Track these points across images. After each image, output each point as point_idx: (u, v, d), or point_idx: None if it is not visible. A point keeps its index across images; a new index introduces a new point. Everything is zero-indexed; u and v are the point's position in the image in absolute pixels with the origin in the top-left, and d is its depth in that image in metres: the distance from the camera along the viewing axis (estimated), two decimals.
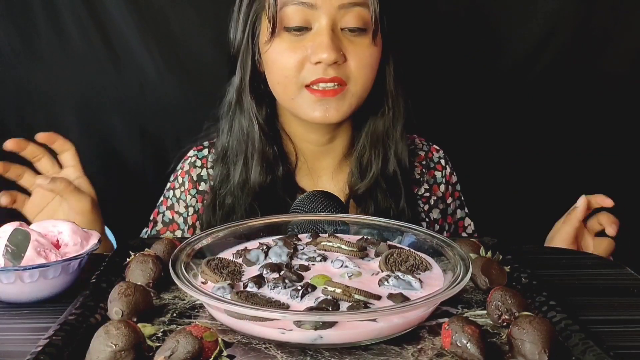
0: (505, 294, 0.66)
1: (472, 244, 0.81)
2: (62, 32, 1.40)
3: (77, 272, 0.76)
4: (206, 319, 0.67)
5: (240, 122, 1.10)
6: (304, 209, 0.90)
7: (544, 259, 0.88)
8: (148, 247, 0.80)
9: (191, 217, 1.14)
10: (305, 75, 1.01)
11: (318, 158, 1.15)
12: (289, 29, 1.01)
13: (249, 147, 1.09)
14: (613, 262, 0.86)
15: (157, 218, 1.16)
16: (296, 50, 1.00)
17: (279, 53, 1.02)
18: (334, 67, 0.99)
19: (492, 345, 0.61)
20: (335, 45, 0.98)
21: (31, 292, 0.73)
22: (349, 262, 0.74)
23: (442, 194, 1.20)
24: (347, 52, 1.00)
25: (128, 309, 0.64)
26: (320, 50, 0.98)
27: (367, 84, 1.04)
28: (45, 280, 0.72)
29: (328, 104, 1.01)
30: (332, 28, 0.99)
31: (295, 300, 0.66)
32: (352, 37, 1.01)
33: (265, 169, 1.08)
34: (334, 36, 0.99)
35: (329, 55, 0.97)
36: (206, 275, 0.71)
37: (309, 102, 1.02)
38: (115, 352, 0.55)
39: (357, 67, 1.01)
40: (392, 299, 0.66)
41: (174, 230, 1.14)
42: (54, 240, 0.78)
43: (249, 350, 0.60)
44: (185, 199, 1.15)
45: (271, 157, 1.09)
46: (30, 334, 0.65)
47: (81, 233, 0.79)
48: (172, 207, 1.15)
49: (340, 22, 1.00)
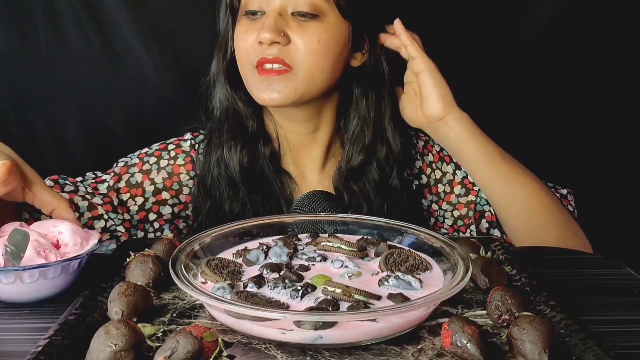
0: (505, 294, 0.66)
1: (472, 244, 0.81)
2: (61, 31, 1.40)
3: (77, 272, 0.76)
4: (206, 319, 0.67)
5: (222, 103, 1.12)
6: (304, 209, 0.90)
7: (544, 259, 0.88)
8: (148, 247, 0.80)
9: (185, 196, 1.13)
10: (254, 56, 1.03)
11: (303, 148, 1.14)
12: (247, 13, 1.05)
13: (226, 126, 1.10)
14: (613, 262, 0.86)
15: (122, 174, 1.11)
16: (249, 33, 1.03)
17: (238, 36, 1.06)
18: (276, 47, 1.00)
19: (492, 345, 0.61)
20: (277, 26, 1.00)
21: (31, 292, 0.73)
22: (349, 262, 0.74)
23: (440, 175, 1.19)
24: (294, 35, 1.01)
25: (128, 309, 0.64)
26: (262, 31, 1.00)
27: (316, 70, 1.03)
28: (45, 280, 0.72)
29: (271, 85, 1.02)
30: (279, 12, 1.01)
31: (295, 300, 0.66)
32: (304, 22, 1.02)
33: (242, 144, 1.09)
34: (279, 18, 1.01)
35: (267, 35, 0.99)
36: (206, 275, 0.71)
37: (256, 83, 1.03)
38: (115, 352, 0.55)
39: (304, 51, 1.01)
40: (392, 299, 0.66)
41: (135, 194, 1.11)
42: (53, 240, 0.78)
43: (249, 350, 0.60)
44: (170, 171, 1.12)
45: (249, 132, 1.10)
46: (30, 334, 0.65)
47: (81, 233, 0.79)
48: (148, 172, 1.12)
49: (289, 6, 1.02)
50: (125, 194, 1.10)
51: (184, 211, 1.13)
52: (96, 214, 1.06)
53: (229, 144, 1.09)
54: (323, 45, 1.02)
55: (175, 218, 1.13)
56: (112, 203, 1.08)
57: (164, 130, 1.46)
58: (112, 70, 1.43)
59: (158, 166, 1.13)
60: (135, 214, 1.10)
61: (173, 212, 1.12)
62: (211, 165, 1.10)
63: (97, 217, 1.06)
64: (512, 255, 0.82)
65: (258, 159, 1.10)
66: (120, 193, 1.10)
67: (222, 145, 1.10)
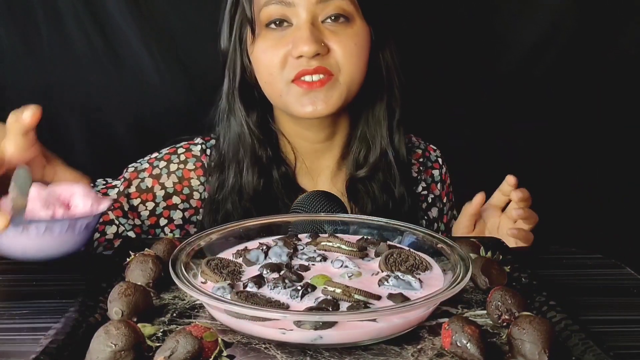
0: (505, 294, 0.66)
1: (472, 244, 0.81)
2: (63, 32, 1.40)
3: (85, 236, 0.74)
4: (206, 319, 0.67)
5: (233, 127, 1.10)
6: (304, 209, 0.90)
7: (544, 259, 0.88)
8: (148, 247, 0.80)
9: (196, 201, 1.12)
10: (290, 71, 1.01)
11: (317, 157, 1.14)
12: (270, 25, 1.01)
13: (241, 152, 1.09)
14: (613, 262, 0.86)
15: (132, 180, 1.10)
16: (278, 47, 1.01)
17: (263, 51, 1.02)
18: (316, 58, 0.99)
19: (492, 345, 0.61)
20: (315, 37, 0.98)
21: (35, 247, 0.71)
22: (349, 262, 0.74)
23: (439, 193, 1.20)
24: (331, 43, 1.00)
25: (128, 309, 0.64)
26: (301, 44, 0.98)
27: (356, 74, 1.03)
28: (52, 236, 0.71)
29: (316, 96, 1.00)
30: (311, 22, 0.99)
31: (295, 300, 0.66)
32: (335, 28, 1.01)
33: (258, 172, 1.08)
34: (314, 29, 0.99)
35: (309, 47, 0.97)
36: (206, 275, 0.71)
37: (297, 97, 1.01)
38: (115, 352, 0.55)
39: (343, 57, 1.01)
40: (392, 299, 0.66)
41: (146, 199, 1.10)
42: (65, 202, 0.77)
43: (249, 350, 0.60)
44: (181, 175, 1.11)
45: (264, 160, 1.09)
46: (30, 334, 0.65)
47: (93, 196, 0.78)
48: (158, 177, 1.11)
49: (320, 14, 1.00)
50: (136, 199, 1.09)
51: (194, 216, 1.12)
52: (107, 219, 1.05)
53: (243, 171, 1.08)
54: (359, 47, 1.03)
55: (187, 223, 1.12)
56: (123, 208, 1.08)
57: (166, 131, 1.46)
58: (114, 71, 1.43)
59: (168, 170, 1.12)
60: (146, 219, 1.09)
61: (184, 217, 1.11)
62: (224, 190, 1.08)
63: (108, 222, 1.06)
64: (512, 255, 0.82)
65: (272, 183, 1.09)
66: (131, 198, 1.09)
67: (237, 171, 1.08)
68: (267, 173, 1.09)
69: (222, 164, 1.10)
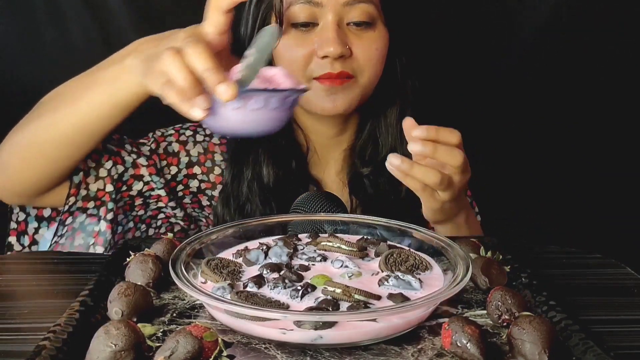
0: (505, 294, 0.66)
1: (472, 244, 0.81)
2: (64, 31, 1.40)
3: (290, 113, 0.75)
4: (206, 319, 0.67)
5: None
6: (304, 209, 0.90)
7: (544, 259, 0.88)
8: (148, 247, 0.80)
9: (215, 176, 1.12)
10: (314, 69, 1.03)
11: (327, 150, 1.17)
12: (296, 25, 1.03)
13: (259, 143, 1.10)
14: (613, 262, 0.86)
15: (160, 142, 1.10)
16: (303, 45, 1.03)
17: (287, 49, 1.04)
18: (340, 61, 1.01)
19: (492, 345, 0.61)
20: (341, 39, 1.01)
21: (249, 121, 0.71)
22: (349, 262, 0.74)
23: None
24: (354, 46, 1.03)
25: (128, 309, 0.64)
26: (327, 45, 1.00)
27: (374, 77, 1.07)
28: (266, 110, 0.71)
29: (336, 94, 1.03)
30: (337, 23, 1.01)
31: (295, 300, 0.66)
32: (358, 32, 1.03)
33: (276, 162, 1.10)
34: (339, 31, 1.01)
35: (335, 49, 0.99)
36: (206, 275, 0.71)
37: (318, 93, 1.04)
38: (115, 352, 0.55)
39: (364, 60, 1.04)
40: (392, 299, 0.66)
41: (171, 163, 1.10)
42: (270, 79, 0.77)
43: (249, 350, 0.60)
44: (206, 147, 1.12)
45: (282, 150, 1.11)
46: (31, 334, 0.65)
47: (293, 79, 0.77)
48: (184, 143, 1.11)
49: (345, 17, 1.03)
50: (163, 160, 1.10)
51: (210, 190, 1.12)
52: (138, 172, 1.06)
53: (262, 162, 1.09)
54: (379, 52, 1.06)
55: (200, 193, 1.12)
56: (156, 166, 1.08)
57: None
58: None
59: (194, 140, 1.13)
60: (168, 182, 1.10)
61: (199, 187, 1.12)
62: (241, 181, 1.09)
63: (137, 176, 1.06)
64: (512, 255, 0.82)
65: (290, 173, 1.11)
66: (160, 159, 1.10)
67: (255, 162, 1.10)
68: (285, 163, 1.11)
69: (238, 156, 1.11)
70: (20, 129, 0.97)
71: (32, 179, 0.96)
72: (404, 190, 1.10)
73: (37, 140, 0.93)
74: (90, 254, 0.98)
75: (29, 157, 0.95)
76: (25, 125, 0.96)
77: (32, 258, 0.95)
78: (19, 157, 0.96)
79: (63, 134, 0.92)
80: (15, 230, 1.07)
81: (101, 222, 1.02)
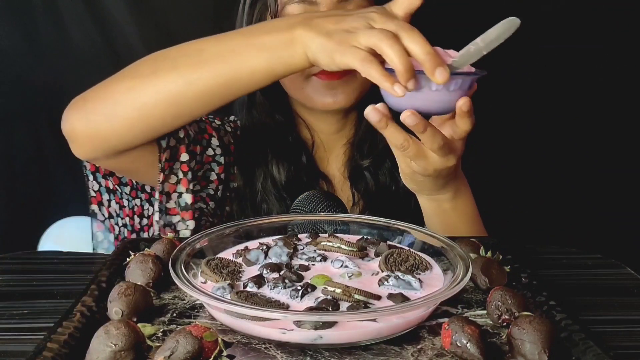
0: (505, 294, 0.66)
1: (472, 244, 0.81)
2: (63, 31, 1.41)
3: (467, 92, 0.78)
4: (206, 319, 0.67)
5: (255, 118, 1.13)
6: (304, 209, 0.90)
7: (544, 259, 0.88)
8: (148, 247, 0.80)
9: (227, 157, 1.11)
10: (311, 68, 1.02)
11: (330, 144, 1.18)
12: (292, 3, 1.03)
13: (269, 142, 1.12)
14: (613, 262, 0.86)
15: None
16: None
17: None
18: None
19: (492, 345, 0.61)
20: None
21: (444, 102, 0.76)
22: (349, 262, 0.74)
23: None
24: None
25: (128, 309, 0.64)
26: None
27: None
28: (460, 91, 0.75)
29: (336, 88, 1.05)
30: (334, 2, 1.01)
31: (295, 300, 0.66)
32: None
33: (286, 160, 1.11)
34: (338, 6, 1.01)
35: None
36: (206, 275, 0.71)
37: (318, 88, 1.05)
38: (115, 352, 0.55)
39: None
40: (392, 299, 0.66)
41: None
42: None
43: (249, 350, 0.60)
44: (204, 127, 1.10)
45: (289, 147, 1.12)
46: (31, 334, 0.65)
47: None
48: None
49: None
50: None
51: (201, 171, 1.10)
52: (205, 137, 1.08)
53: (271, 160, 1.11)
54: None
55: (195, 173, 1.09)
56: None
57: None
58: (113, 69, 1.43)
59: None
60: None
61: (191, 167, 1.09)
62: (255, 182, 1.10)
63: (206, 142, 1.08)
64: (512, 255, 0.82)
65: (301, 168, 1.12)
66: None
67: (265, 162, 1.11)
68: (295, 159, 1.12)
69: (247, 157, 1.12)
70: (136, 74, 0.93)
71: (133, 132, 0.92)
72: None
73: (168, 88, 0.89)
74: (91, 254, 0.99)
75: (146, 111, 0.90)
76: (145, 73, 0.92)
77: (32, 258, 0.96)
78: (130, 104, 0.90)
79: (202, 92, 0.88)
80: (95, 198, 1.08)
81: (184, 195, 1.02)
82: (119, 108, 0.91)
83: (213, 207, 1.11)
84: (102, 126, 0.93)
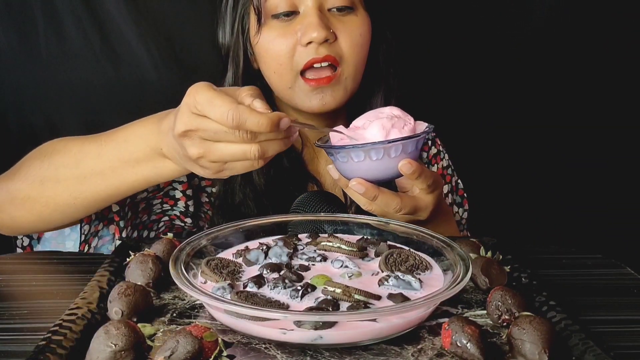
0: (505, 294, 0.66)
1: (472, 244, 0.81)
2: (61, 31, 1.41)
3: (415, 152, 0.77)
4: (206, 319, 0.67)
5: None
6: (304, 209, 0.90)
7: (544, 259, 0.88)
8: (148, 247, 0.80)
9: None
10: (298, 60, 1.01)
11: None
12: (277, 15, 1.01)
13: None
14: (613, 262, 0.86)
15: None
16: (286, 36, 1.01)
17: (270, 41, 1.02)
18: (325, 45, 1.00)
19: (492, 345, 0.61)
20: (324, 23, 0.99)
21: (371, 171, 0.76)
22: (349, 262, 0.74)
23: None
24: (338, 31, 1.01)
25: (128, 309, 0.64)
26: (310, 30, 0.98)
27: (360, 64, 1.05)
28: (389, 158, 0.75)
29: (324, 92, 1.02)
30: (319, 8, 1.00)
31: (295, 300, 0.66)
32: (341, 17, 1.02)
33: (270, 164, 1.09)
34: (322, 15, 1.00)
35: (318, 33, 0.98)
36: (206, 275, 0.71)
37: (305, 92, 1.03)
38: (115, 352, 0.55)
39: (349, 46, 1.02)
40: (392, 299, 0.66)
41: None
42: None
43: (249, 350, 0.60)
44: None
45: None
46: (31, 334, 0.65)
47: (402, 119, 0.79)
48: None
49: (326, 3, 1.01)
50: None
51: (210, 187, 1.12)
52: None
53: None
54: (363, 37, 1.04)
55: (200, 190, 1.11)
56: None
57: None
58: (112, 69, 1.43)
59: None
60: None
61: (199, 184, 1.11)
62: (234, 188, 1.08)
63: None
64: (512, 255, 0.82)
65: (282, 172, 1.09)
66: None
67: None
68: (276, 162, 1.09)
69: None
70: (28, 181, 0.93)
71: (40, 226, 0.98)
72: None
73: (56, 201, 0.92)
74: (90, 254, 0.99)
75: (41, 212, 0.93)
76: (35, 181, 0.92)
77: (32, 258, 0.95)
78: (28, 211, 0.94)
79: (89, 202, 0.92)
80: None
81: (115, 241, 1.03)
82: (20, 213, 0.95)
83: (190, 222, 1.10)
84: (8, 223, 0.97)
